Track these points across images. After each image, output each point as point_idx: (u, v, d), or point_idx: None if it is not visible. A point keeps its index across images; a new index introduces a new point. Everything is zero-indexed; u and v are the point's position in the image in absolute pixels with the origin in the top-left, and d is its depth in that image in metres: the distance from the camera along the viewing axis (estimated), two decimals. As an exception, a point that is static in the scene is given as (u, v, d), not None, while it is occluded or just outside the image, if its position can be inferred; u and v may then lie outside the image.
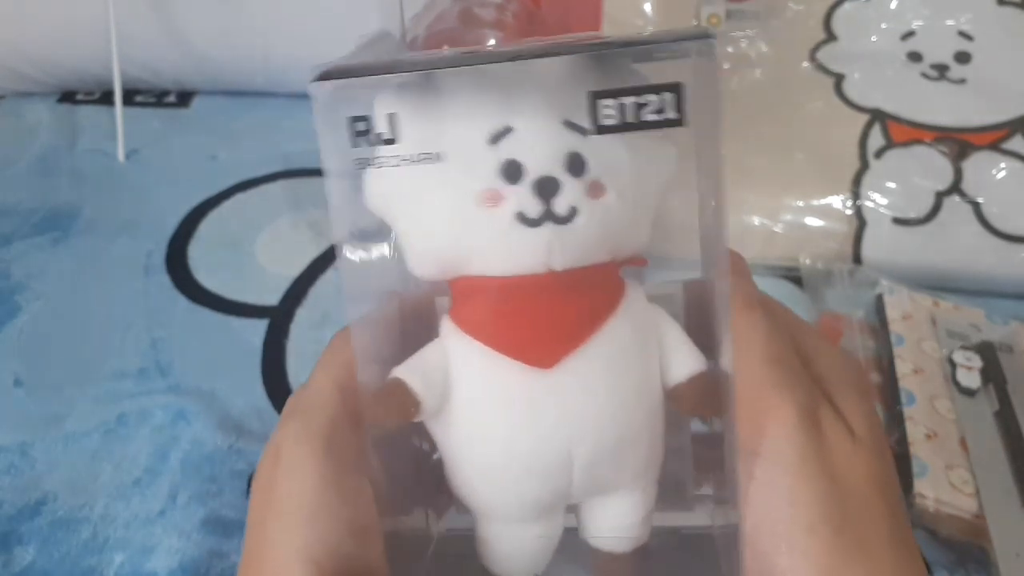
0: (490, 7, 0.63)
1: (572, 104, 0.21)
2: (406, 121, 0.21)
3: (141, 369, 0.55)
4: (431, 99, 0.21)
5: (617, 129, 0.20)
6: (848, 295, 0.58)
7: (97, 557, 0.43)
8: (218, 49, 0.82)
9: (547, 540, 0.25)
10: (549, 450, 0.22)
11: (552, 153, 0.21)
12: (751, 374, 0.22)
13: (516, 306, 0.22)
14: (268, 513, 0.22)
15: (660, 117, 0.20)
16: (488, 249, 0.21)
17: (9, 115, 0.85)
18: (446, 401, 0.23)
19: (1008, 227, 0.60)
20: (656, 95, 0.20)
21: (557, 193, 0.20)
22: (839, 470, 0.21)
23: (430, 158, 0.21)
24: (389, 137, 0.21)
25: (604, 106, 0.20)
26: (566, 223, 0.21)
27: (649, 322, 0.23)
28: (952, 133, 0.64)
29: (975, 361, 0.49)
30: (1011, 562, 0.39)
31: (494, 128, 0.21)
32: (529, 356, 0.22)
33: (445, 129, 0.21)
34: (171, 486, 0.47)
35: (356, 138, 0.21)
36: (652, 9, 0.73)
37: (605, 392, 0.22)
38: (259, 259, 0.65)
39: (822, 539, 0.20)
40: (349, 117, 0.21)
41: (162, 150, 0.79)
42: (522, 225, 0.21)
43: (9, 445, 0.49)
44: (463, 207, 0.21)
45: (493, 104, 0.21)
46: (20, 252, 0.66)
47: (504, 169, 0.21)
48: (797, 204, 0.63)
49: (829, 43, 0.71)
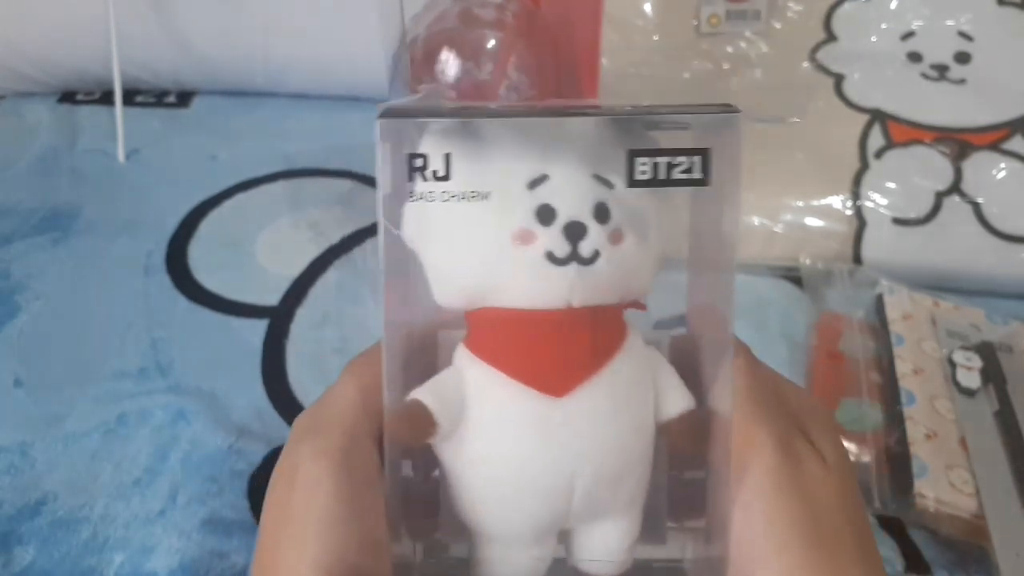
0: (490, 7, 0.63)
1: (601, 160, 0.23)
2: (458, 161, 0.23)
3: (141, 369, 0.55)
4: (479, 144, 0.23)
5: (649, 184, 0.23)
6: (848, 295, 0.58)
7: (97, 557, 0.43)
8: (218, 49, 0.82)
9: (541, 562, 0.26)
10: (555, 473, 0.24)
11: (582, 201, 0.23)
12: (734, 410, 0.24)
13: (534, 337, 0.24)
14: (283, 527, 0.23)
15: (687, 176, 0.23)
16: (517, 283, 0.23)
17: (9, 115, 0.85)
18: (459, 424, 0.24)
19: (1008, 227, 0.60)
20: (686, 157, 0.23)
21: (584, 237, 0.23)
22: (812, 493, 0.23)
23: (477, 196, 0.23)
24: (443, 175, 0.23)
25: (640, 163, 0.23)
26: (589, 264, 0.23)
27: (647, 361, 0.25)
28: (952, 133, 0.64)
29: (975, 361, 0.49)
30: (1011, 562, 0.39)
31: (532, 175, 0.23)
32: (543, 384, 0.24)
33: (490, 172, 0.23)
34: (171, 486, 0.47)
35: (412, 172, 0.23)
36: (652, 9, 0.73)
37: (610, 422, 0.24)
38: (259, 259, 0.65)
39: (795, 556, 0.22)
40: (408, 153, 0.23)
41: (162, 150, 0.79)
42: (550, 263, 0.23)
43: (9, 445, 0.49)
44: (499, 243, 0.23)
45: (533, 154, 0.23)
46: (20, 252, 0.66)
47: (539, 212, 0.23)
48: (797, 204, 0.63)
49: (829, 43, 0.71)
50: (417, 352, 0.26)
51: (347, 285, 0.63)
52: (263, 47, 0.81)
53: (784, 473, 0.23)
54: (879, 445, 0.46)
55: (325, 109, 0.84)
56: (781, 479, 0.23)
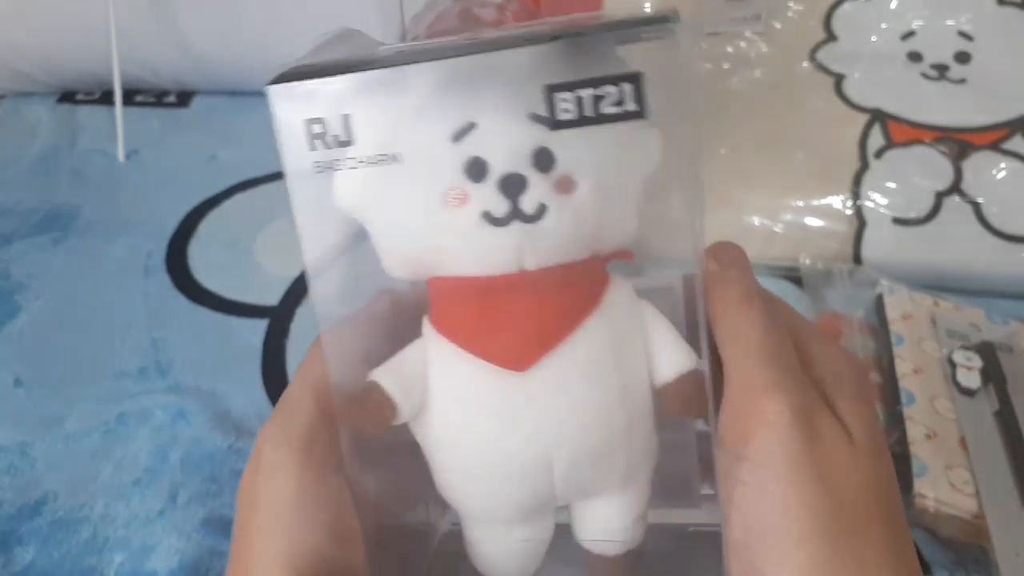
0: (490, 7, 0.63)
1: (537, 96, 0.20)
2: (361, 122, 0.20)
3: (141, 369, 0.55)
4: (389, 96, 0.20)
5: (574, 124, 0.20)
6: (848, 295, 0.58)
7: (97, 557, 0.43)
8: (218, 49, 0.82)
9: (534, 543, 0.24)
10: (526, 454, 0.22)
11: (517, 149, 0.20)
12: (743, 374, 0.21)
13: (489, 307, 0.21)
14: (252, 518, 0.22)
15: (619, 110, 0.19)
16: (457, 250, 0.21)
17: (9, 115, 0.85)
18: (425, 403, 0.22)
19: (1008, 227, 0.60)
20: (615, 86, 0.19)
21: (524, 191, 0.20)
22: (835, 477, 0.20)
23: (387, 159, 0.20)
24: (344, 139, 0.20)
25: (561, 99, 0.19)
26: (535, 221, 0.20)
27: (634, 319, 0.23)
28: (952, 133, 0.64)
29: (975, 361, 0.49)
30: (1011, 562, 0.39)
31: (456, 125, 0.20)
32: (503, 359, 0.21)
33: (404, 128, 0.20)
34: (171, 486, 0.47)
35: (313, 140, 0.21)
36: (652, 9, 0.73)
37: (583, 394, 0.22)
38: (259, 259, 0.65)
39: (812, 552, 0.19)
40: (304, 119, 0.21)
41: (162, 150, 0.79)
42: (489, 225, 0.20)
43: (9, 445, 0.49)
44: (428, 208, 0.20)
45: (454, 100, 0.20)
46: (20, 252, 0.66)
47: (468, 167, 0.20)
48: (797, 204, 0.63)
49: (829, 43, 0.71)
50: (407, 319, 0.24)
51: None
52: (263, 47, 0.81)
53: (803, 453, 0.20)
54: (879, 445, 0.46)
55: (325, 109, 0.84)
56: (799, 460, 0.20)
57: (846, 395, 0.22)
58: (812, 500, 0.19)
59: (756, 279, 0.23)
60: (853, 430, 0.21)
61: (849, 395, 0.22)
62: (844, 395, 0.22)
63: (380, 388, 0.22)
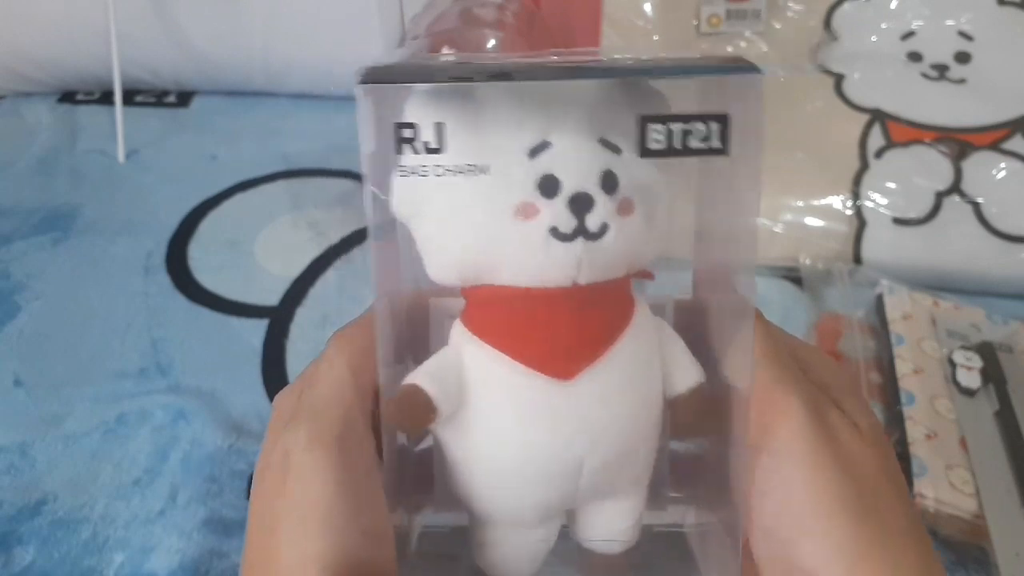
0: (490, 7, 0.63)
1: (608, 123, 0.21)
2: (452, 131, 0.21)
3: (141, 369, 0.55)
4: (472, 109, 0.21)
5: (663, 154, 0.21)
6: (848, 295, 0.58)
7: (97, 557, 0.43)
8: (218, 49, 0.82)
9: (546, 543, 0.25)
10: (563, 459, 0.23)
11: (588, 170, 0.21)
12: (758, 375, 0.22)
13: (538, 318, 0.22)
14: (279, 518, 0.22)
15: (705, 145, 0.21)
16: (519, 261, 0.22)
17: (9, 115, 0.85)
18: (461, 407, 0.23)
19: (1008, 227, 0.60)
20: (703, 124, 0.21)
21: (591, 209, 0.21)
22: (851, 463, 0.21)
23: (475, 170, 0.21)
24: (435, 147, 0.21)
25: (653, 130, 0.21)
26: (596, 239, 0.21)
27: (654, 334, 0.24)
28: (952, 133, 0.64)
29: (975, 361, 0.49)
30: (1011, 562, 0.39)
31: (533, 142, 0.21)
32: (550, 368, 0.22)
33: (487, 141, 0.21)
34: (171, 486, 0.47)
35: (401, 144, 0.21)
36: (652, 9, 0.73)
37: (618, 405, 0.23)
38: (259, 259, 0.65)
39: (844, 525, 0.20)
40: (395, 124, 0.21)
41: (162, 150, 0.79)
42: (555, 239, 0.21)
43: (9, 445, 0.49)
44: (500, 218, 0.21)
45: (533, 119, 0.21)
46: (20, 252, 0.66)
47: (541, 183, 0.21)
48: (797, 204, 0.63)
49: (829, 43, 0.71)
50: (406, 322, 0.24)
51: (347, 285, 0.63)
52: (263, 47, 0.81)
53: (821, 443, 0.21)
54: (879, 445, 0.46)
55: (325, 109, 0.84)
56: (818, 449, 0.21)
57: (845, 394, 0.24)
58: (836, 483, 0.21)
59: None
60: (859, 423, 0.22)
61: (848, 395, 0.24)
62: (843, 394, 0.23)
63: (421, 390, 0.22)
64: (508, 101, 0.21)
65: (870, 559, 0.20)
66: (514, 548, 0.25)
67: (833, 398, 0.23)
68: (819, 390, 0.23)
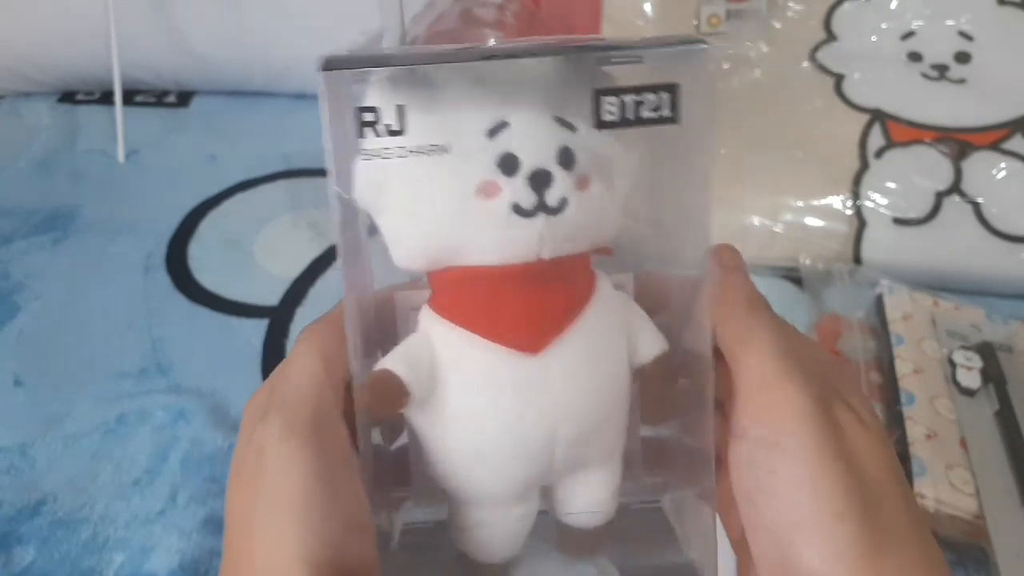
0: (490, 7, 0.64)
1: (563, 101, 0.22)
2: (413, 113, 0.21)
3: (141, 369, 0.55)
4: (431, 92, 0.22)
5: (616, 125, 0.21)
6: (848, 295, 0.58)
7: (97, 557, 0.43)
8: (218, 49, 0.82)
9: (525, 520, 0.25)
10: (537, 433, 0.23)
11: (546, 147, 0.21)
12: (761, 369, 0.22)
13: (504, 294, 0.23)
14: (256, 513, 0.21)
15: (656, 115, 0.21)
16: (483, 239, 0.22)
17: (9, 115, 0.85)
18: (432, 390, 0.23)
19: (1008, 227, 0.60)
20: (654, 94, 0.21)
21: (550, 185, 0.21)
22: (857, 458, 0.21)
23: (438, 150, 0.21)
24: (396, 129, 0.21)
25: (607, 103, 0.21)
26: (557, 214, 0.22)
27: (618, 307, 0.25)
28: (952, 133, 0.64)
29: (975, 361, 0.49)
30: (1011, 562, 0.39)
31: (492, 122, 0.21)
32: (518, 342, 0.23)
33: (446, 121, 0.22)
34: (171, 486, 0.47)
35: (363, 128, 0.21)
36: (652, 9, 0.73)
37: (586, 375, 0.23)
38: (259, 259, 0.65)
39: (849, 528, 0.20)
40: (356, 108, 0.21)
41: (162, 150, 0.79)
42: (517, 216, 0.21)
43: (9, 445, 0.49)
44: (461, 198, 0.22)
45: (491, 99, 0.22)
46: (20, 252, 0.66)
47: (501, 162, 0.21)
48: (797, 204, 0.63)
49: (829, 43, 0.71)
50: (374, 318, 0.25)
51: (347, 285, 0.63)
52: (263, 47, 0.81)
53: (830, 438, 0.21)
54: (879, 445, 0.46)
55: (325, 109, 0.84)
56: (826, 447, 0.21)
57: (846, 386, 0.24)
58: (843, 481, 0.21)
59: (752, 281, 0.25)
60: (862, 415, 0.23)
61: (848, 386, 0.24)
62: (844, 386, 0.23)
63: (393, 375, 0.23)
64: (466, 83, 0.22)
65: (874, 563, 0.20)
66: (495, 528, 0.25)
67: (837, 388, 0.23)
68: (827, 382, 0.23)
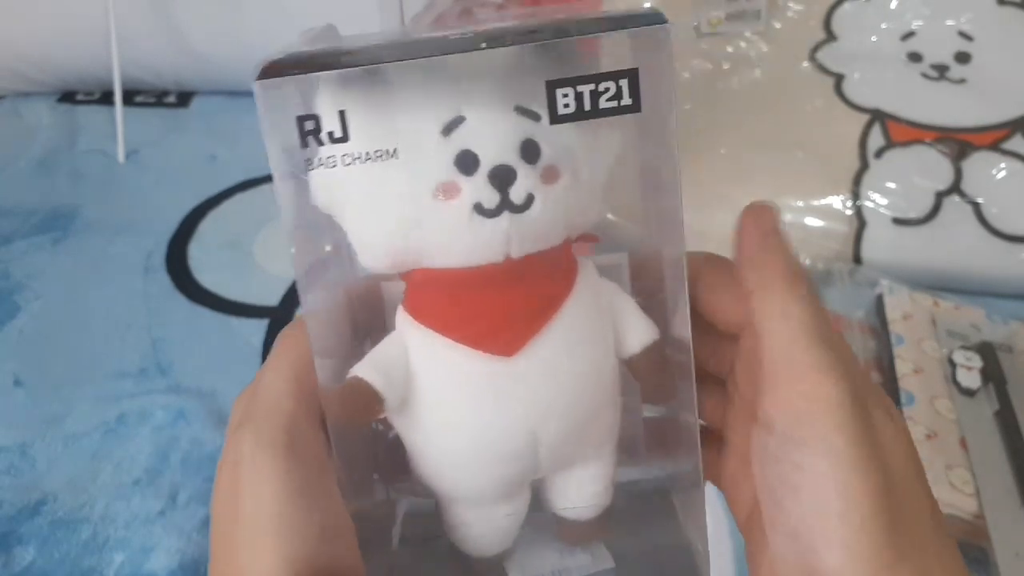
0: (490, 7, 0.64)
1: (523, 89, 0.20)
2: (356, 118, 0.20)
3: (141, 369, 0.55)
4: (378, 91, 0.20)
5: (574, 118, 0.20)
6: (848, 295, 0.58)
7: (97, 557, 0.43)
8: (218, 49, 0.82)
9: (515, 516, 0.25)
10: (515, 435, 0.22)
11: (506, 141, 0.20)
12: (794, 353, 0.21)
13: (474, 296, 0.22)
14: (236, 529, 0.21)
15: (616, 104, 0.20)
16: (446, 242, 0.21)
17: (9, 115, 0.85)
18: (408, 394, 0.23)
19: (1008, 227, 0.60)
20: (612, 82, 0.20)
21: (513, 182, 0.20)
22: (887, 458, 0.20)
23: (384, 155, 0.20)
24: (340, 136, 0.20)
25: (562, 95, 0.20)
26: (523, 211, 0.20)
27: (603, 296, 0.23)
28: (952, 133, 0.64)
29: (975, 361, 0.49)
30: (1011, 562, 0.39)
31: (446, 118, 0.20)
32: (491, 345, 0.22)
33: (396, 122, 0.20)
34: (171, 486, 0.47)
35: (305, 137, 0.20)
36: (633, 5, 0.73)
37: (567, 374, 0.22)
38: (259, 259, 0.65)
39: (874, 535, 0.19)
40: (297, 116, 0.20)
41: (162, 150, 0.79)
42: (480, 216, 0.20)
43: (9, 445, 0.49)
44: (419, 201, 0.20)
45: (443, 94, 0.20)
46: (20, 252, 0.66)
47: (459, 160, 0.20)
48: (797, 204, 0.63)
49: (829, 43, 0.71)
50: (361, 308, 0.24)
51: (347, 285, 0.63)
52: (263, 47, 0.81)
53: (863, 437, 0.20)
54: (879, 445, 0.46)
55: (325, 109, 0.84)
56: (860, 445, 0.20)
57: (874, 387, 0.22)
58: (872, 484, 0.20)
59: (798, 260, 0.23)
60: (894, 415, 0.21)
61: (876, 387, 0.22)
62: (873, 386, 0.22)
63: (364, 382, 0.22)
64: (416, 78, 0.20)
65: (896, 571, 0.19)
66: (483, 525, 0.25)
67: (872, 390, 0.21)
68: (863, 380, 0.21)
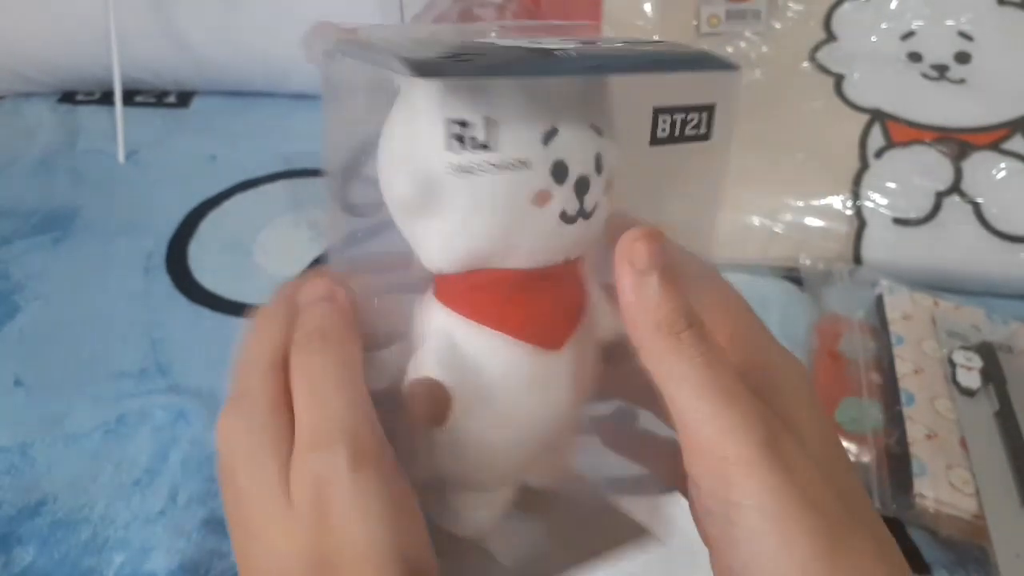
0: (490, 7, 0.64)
1: (593, 108, 0.22)
2: (495, 126, 0.20)
3: (141, 369, 0.55)
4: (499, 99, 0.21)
5: (665, 141, 0.23)
6: (848, 295, 0.58)
7: (97, 557, 0.43)
8: (218, 49, 0.82)
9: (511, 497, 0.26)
10: (551, 423, 0.24)
11: (587, 154, 0.22)
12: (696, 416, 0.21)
13: (530, 294, 0.23)
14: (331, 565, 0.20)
15: (696, 132, 0.23)
16: (531, 246, 0.22)
17: (9, 115, 0.85)
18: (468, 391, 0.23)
19: (1008, 227, 0.60)
20: (698, 113, 0.23)
21: (588, 191, 0.22)
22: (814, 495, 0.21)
23: (520, 166, 0.21)
24: (484, 143, 0.20)
25: (662, 120, 0.23)
26: (590, 218, 0.22)
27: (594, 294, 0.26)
28: (952, 133, 0.64)
29: (975, 361, 0.49)
30: (1011, 562, 0.39)
31: (544, 129, 0.21)
32: (545, 340, 0.23)
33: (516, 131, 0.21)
34: (171, 486, 0.47)
35: (450, 141, 0.20)
36: (652, 9, 0.73)
37: (590, 364, 0.24)
38: (259, 259, 0.65)
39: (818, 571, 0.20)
40: (448, 119, 0.20)
41: (162, 150, 0.79)
42: (562, 223, 0.22)
43: (9, 445, 0.49)
44: (520, 206, 0.21)
45: (543, 106, 0.21)
46: (20, 252, 0.66)
47: (553, 169, 0.21)
48: (797, 204, 0.63)
49: (829, 43, 0.71)
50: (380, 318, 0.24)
51: (347, 285, 0.63)
52: (263, 47, 0.81)
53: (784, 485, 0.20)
54: (879, 445, 0.46)
55: (325, 109, 0.84)
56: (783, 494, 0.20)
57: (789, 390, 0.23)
58: (805, 526, 0.20)
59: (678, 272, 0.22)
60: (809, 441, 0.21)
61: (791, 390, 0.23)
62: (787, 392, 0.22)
63: (437, 383, 0.22)
64: (524, 90, 0.21)
65: None
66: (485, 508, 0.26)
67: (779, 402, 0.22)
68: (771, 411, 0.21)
